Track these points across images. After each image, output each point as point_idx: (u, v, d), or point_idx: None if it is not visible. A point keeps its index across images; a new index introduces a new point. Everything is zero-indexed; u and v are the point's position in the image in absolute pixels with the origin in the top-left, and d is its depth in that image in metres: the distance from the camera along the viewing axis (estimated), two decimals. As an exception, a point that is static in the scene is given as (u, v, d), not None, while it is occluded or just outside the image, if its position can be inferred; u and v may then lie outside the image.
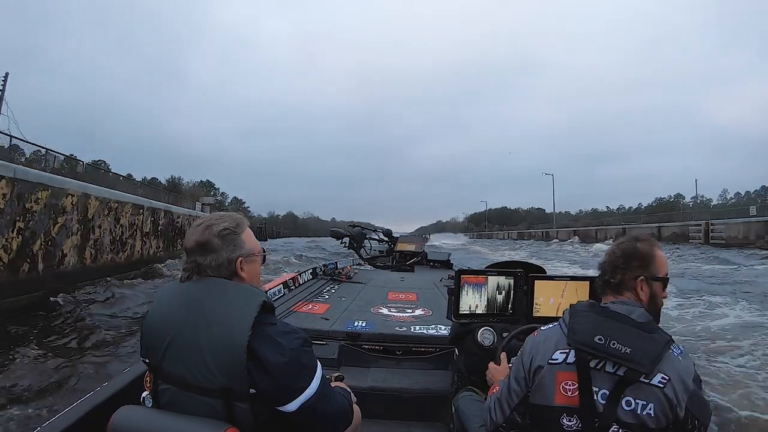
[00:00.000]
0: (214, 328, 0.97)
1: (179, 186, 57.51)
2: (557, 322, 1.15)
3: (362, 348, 2.37)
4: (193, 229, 1.08)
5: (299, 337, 1.03)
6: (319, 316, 2.79)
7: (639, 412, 0.99)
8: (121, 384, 1.52)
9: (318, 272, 4.36)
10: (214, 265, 1.06)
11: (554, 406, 1.05)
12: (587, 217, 76.22)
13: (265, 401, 0.98)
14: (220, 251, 1.06)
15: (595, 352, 1.01)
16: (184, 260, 1.07)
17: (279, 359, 0.97)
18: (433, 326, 2.59)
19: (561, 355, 1.07)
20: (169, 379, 1.01)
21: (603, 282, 1.16)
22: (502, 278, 1.84)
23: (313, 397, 1.00)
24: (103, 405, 1.39)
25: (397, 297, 3.51)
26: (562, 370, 1.05)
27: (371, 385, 2.10)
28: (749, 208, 31.63)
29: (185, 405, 0.99)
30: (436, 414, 2.05)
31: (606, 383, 1.01)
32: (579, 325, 1.07)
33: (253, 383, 0.96)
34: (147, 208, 15.35)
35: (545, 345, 1.11)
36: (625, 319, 1.05)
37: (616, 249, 1.16)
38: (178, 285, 1.09)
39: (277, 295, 3.22)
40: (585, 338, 1.03)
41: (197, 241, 1.05)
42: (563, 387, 1.05)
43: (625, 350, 0.99)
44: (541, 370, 1.08)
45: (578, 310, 1.11)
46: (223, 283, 1.04)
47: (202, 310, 1.00)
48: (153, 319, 1.06)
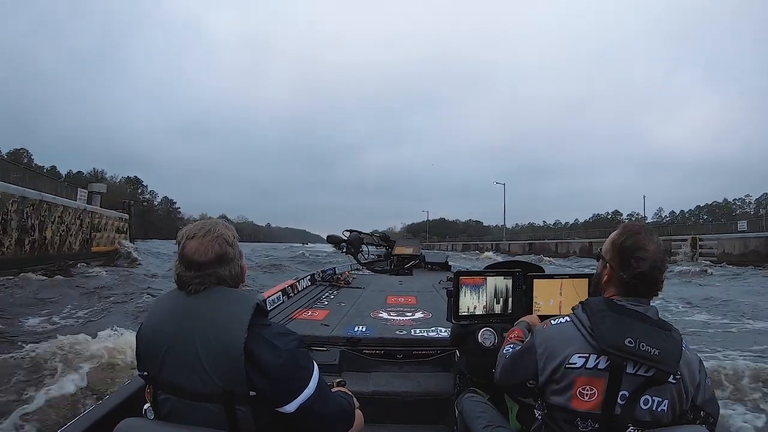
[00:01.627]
0: (209, 333, 0.98)
1: (102, 181, 53.56)
2: (567, 316, 1.10)
3: (363, 353, 2.36)
4: (198, 240, 1.05)
5: (295, 339, 1.04)
6: (319, 322, 2.77)
7: (654, 409, 1.00)
8: (123, 396, 1.52)
9: (317, 278, 4.35)
10: (233, 275, 1.07)
11: (571, 409, 1.01)
12: (525, 232, 76.38)
13: (264, 403, 0.98)
14: (235, 260, 1.08)
15: (628, 356, 0.97)
16: (193, 273, 1.03)
17: (276, 361, 0.97)
18: (434, 329, 2.58)
19: (580, 359, 1.01)
20: (168, 388, 1.01)
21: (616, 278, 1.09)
22: (500, 278, 1.84)
23: (311, 397, 1.01)
24: (106, 418, 1.38)
25: (397, 301, 3.50)
26: (582, 376, 1.01)
27: (373, 389, 2.10)
28: (737, 223, 30.34)
29: (186, 413, 0.99)
30: (440, 416, 2.04)
31: (629, 384, 0.99)
32: (605, 328, 1.00)
33: (252, 385, 0.96)
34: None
35: (556, 347, 1.05)
36: (645, 318, 1.03)
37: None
38: (172, 295, 1.08)
39: (276, 302, 3.20)
40: (617, 342, 0.98)
41: (218, 254, 1.04)
42: (580, 392, 1.00)
43: (655, 352, 0.97)
44: (555, 372, 1.03)
45: (596, 309, 1.05)
46: (217, 290, 1.04)
47: (196, 317, 1.00)
48: (147, 331, 1.05)
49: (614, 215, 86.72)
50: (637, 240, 1.07)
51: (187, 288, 1.04)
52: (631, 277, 1.05)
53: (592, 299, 1.11)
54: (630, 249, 1.06)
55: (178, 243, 1.08)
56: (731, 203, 78.59)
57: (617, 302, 1.06)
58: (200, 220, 1.13)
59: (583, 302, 1.10)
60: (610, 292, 1.10)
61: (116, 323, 5.93)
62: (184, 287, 1.04)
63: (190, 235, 1.06)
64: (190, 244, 1.05)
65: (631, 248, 1.06)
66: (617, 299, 1.07)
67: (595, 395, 1.00)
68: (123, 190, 60.04)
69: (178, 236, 1.09)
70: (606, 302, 1.06)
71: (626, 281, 1.06)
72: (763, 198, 72.69)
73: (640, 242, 1.06)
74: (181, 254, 1.05)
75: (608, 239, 1.14)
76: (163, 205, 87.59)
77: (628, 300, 1.06)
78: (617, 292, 1.08)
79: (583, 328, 1.03)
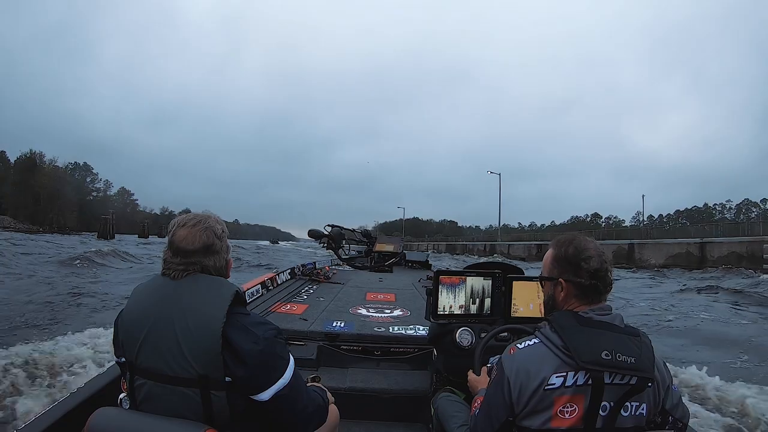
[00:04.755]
0: (188, 318, 1.00)
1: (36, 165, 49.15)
2: (534, 337, 1.07)
3: (341, 349, 2.36)
4: (188, 229, 1.09)
5: (272, 328, 1.07)
6: (298, 316, 2.76)
7: (634, 414, 1.01)
8: (98, 386, 1.51)
9: (296, 272, 4.32)
10: (218, 267, 1.11)
11: (549, 429, 1.00)
12: (498, 233, 75.02)
13: (240, 390, 1.00)
14: (221, 253, 1.12)
15: (607, 369, 0.97)
16: (179, 260, 1.07)
17: (253, 347, 1.00)
18: (412, 327, 2.59)
19: (558, 379, 0.99)
20: (145, 372, 1.02)
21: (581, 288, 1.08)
22: (480, 279, 1.86)
23: (286, 387, 1.04)
24: (80, 407, 1.38)
25: (376, 297, 3.51)
26: (562, 395, 0.99)
27: (350, 385, 2.09)
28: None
29: (162, 398, 1.00)
30: (415, 414, 2.06)
31: (611, 396, 0.99)
32: (579, 344, 0.99)
33: (229, 371, 0.98)
34: None
35: (530, 371, 1.01)
36: (614, 327, 1.03)
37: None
38: (154, 280, 1.10)
39: (255, 295, 3.17)
40: (594, 357, 0.97)
41: (205, 244, 1.08)
42: (561, 411, 0.99)
43: (631, 360, 0.97)
44: (531, 398, 1.00)
45: (565, 326, 1.03)
46: (198, 277, 1.07)
47: (177, 302, 1.02)
48: (128, 316, 1.07)
49: (594, 218, 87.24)
50: (576, 244, 1.09)
51: (171, 274, 1.07)
52: (588, 278, 1.06)
53: (558, 315, 1.07)
54: (574, 254, 1.08)
55: (168, 231, 1.12)
56: (711, 208, 78.13)
57: (583, 315, 1.05)
58: (192, 212, 1.16)
59: (549, 320, 1.08)
60: (571, 306, 1.09)
61: None
62: (169, 273, 1.07)
63: (181, 224, 1.10)
64: (179, 231, 1.09)
65: (575, 254, 1.08)
66: (582, 311, 1.06)
67: (576, 411, 0.99)
68: (64, 178, 55.50)
69: (169, 225, 1.14)
70: (573, 316, 1.05)
71: (586, 285, 1.06)
72: (743, 203, 74.11)
73: (580, 245, 1.09)
74: (170, 241, 1.10)
75: (546, 261, 1.16)
76: (119, 196, 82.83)
77: (593, 310, 1.05)
78: (579, 303, 1.08)
79: (555, 347, 1.01)
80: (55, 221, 47.21)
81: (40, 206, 47.15)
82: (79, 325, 5.36)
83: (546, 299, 1.16)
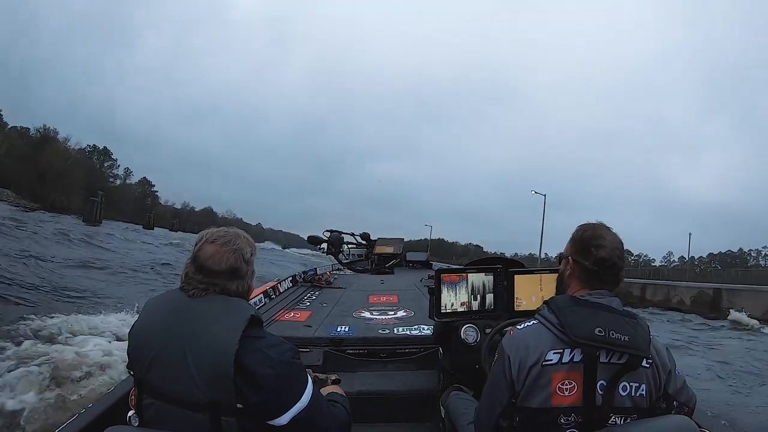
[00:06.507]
0: (201, 341, 0.96)
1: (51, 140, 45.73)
2: (533, 319, 1.12)
3: (347, 353, 2.35)
4: (217, 247, 1.04)
5: (289, 349, 1.03)
6: (302, 323, 2.75)
7: (633, 395, 1.03)
8: (108, 403, 1.50)
9: (298, 279, 4.32)
10: (239, 291, 1.06)
11: (551, 407, 1.02)
12: (539, 263, 72.08)
13: (254, 415, 0.96)
14: (245, 278, 1.07)
15: (600, 345, 1.00)
16: (201, 277, 1.02)
17: (268, 371, 0.96)
18: (416, 327, 2.60)
19: (555, 356, 1.03)
20: (153, 392, 0.99)
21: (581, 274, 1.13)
22: (481, 275, 1.86)
23: (305, 409, 1.00)
24: (90, 426, 1.37)
25: (379, 300, 3.50)
26: (559, 371, 1.02)
27: (358, 389, 2.09)
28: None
29: (170, 420, 0.97)
30: (425, 414, 2.05)
31: (605, 373, 1.02)
32: (574, 321, 1.03)
33: (242, 397, 0.94)
34: None
35: (529, 346, 1.05)
36: (610, 309, 1.06)
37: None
38: (168, 295, 1.07)
39: (258, 305, 3.16)
40: (587, 333, 1.00)
41: (232, 267, 1.04)
42: (560, 387, 1.02)
43: (625, 338, 1.00)
44: (530, 373, 1.03)
45: (561, 306, 1.08)
46: (216, 298, 1.02)
47: (191, 322, 0.98)
48: (139, 331, 1.04)
49: (625, 254, 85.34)
50: (594, 230, 1.14)
51: (190, 291, 1.02)
52: (592, 263, 1.10)
53: (556, 297, 1.13)
54: (589, 238, 1.13)
55: (196, 243, 1.07)
56: (746, 253, 70.47)
57: (580, 297, 1.09)
58: (223, 227, 1.11)
59: (547, 301, 1.13)
60: (573, 289, 1.14)
61: None
62: (188, 289, 1.03)
63: (210, 239, 1.05)
64: (207, 248, 1.04)
65: (590, 238, 1.13)
66: (580, 294, 1.10)
67: (575, 389, 1.02)
68: (76, 158, 52.89)
69: (198, 236, 1.08)
70: (570, 299, 1.10)
71: (588, 269, 1.10)
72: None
73: (598, 232, 1.13)
74: (195, 255, 1.04)
75: (569, 240, 1.21)
76: (139, 186, 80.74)
77: (591, 294, 1.09)
78: (581, 286, 1.12)
79: (552, 326, 1.05)
80: (58, 201, 45.42)
81: (46, 184, 45.38)
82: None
83: (558, 277, 1.23)
